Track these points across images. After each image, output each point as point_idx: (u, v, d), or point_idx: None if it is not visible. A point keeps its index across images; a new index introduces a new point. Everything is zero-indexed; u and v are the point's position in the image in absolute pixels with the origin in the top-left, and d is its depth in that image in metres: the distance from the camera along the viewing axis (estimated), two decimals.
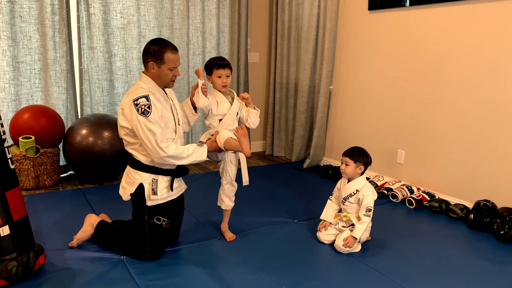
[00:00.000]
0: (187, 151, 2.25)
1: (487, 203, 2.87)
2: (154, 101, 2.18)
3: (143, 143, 2.18)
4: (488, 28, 2.91)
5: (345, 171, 2.52)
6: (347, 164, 2.51)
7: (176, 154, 2.21)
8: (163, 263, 2.29)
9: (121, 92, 3.96)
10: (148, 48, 2.24)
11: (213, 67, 2.44)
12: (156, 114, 2.17)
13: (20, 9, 3.45)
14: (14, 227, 2.01)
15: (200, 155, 2.30)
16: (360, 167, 2.51)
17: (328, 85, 4.11)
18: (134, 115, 2.15)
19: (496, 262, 2.41)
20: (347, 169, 2.51)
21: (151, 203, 2.29)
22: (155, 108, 2.17)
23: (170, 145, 2.21)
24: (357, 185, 2.52)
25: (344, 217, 2.57)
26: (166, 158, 2.20)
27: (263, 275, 2.20)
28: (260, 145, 5.07)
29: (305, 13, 4.16)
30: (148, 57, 2.23)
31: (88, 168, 3.47)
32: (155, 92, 2.26)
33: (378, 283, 2.16)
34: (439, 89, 3.26)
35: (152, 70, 2.25)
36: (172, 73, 2.27)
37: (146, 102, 2.15)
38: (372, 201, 2.48)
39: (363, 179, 2.55)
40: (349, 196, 2.53)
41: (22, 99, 3.59)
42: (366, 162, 2.52)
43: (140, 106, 2.14)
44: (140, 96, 2.16)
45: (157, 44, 2.22)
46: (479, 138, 3.04)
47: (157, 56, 2.21)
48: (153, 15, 3.98)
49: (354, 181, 2.53)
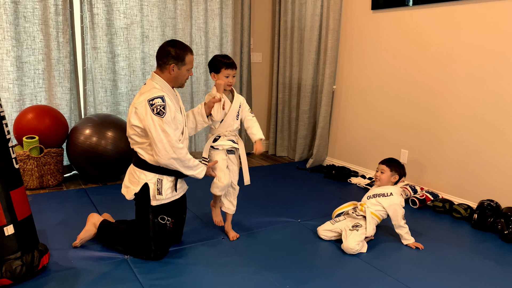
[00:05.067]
0: (193, 162, 2.31)
1: (491, 203, 2.86)
2: (169, 102, 2.21)
3: (154, 143, 2.19)
4: (492, 28, 2.90)
5: (380, 178, 2.62)
6: (383, 172, 2.61)
7: (185, 159, 2.26)
8: (167, 263, 2.30)
9: (124, 92, 3.97)
10: (168, 51, 2.25)
11: (222, 66, 2.44)
12: (170, 116, 2.20)
13: (24, 10, 3.46)
14: (18, 227, 2.02)
15: (199, 172, 2.36)
16: (394, 176, 2.61)
17: (331, 85, 4.11)
18: (149, 115, 2.16)
19: (500, 262, 2.40)
20: (382, 176, 2.61)
21: (156, 203, 2.30)
22: (169, 109, 2.20)
23: (183, 148, 2.25)
24: (392, 190, 2.59)
25: (360, 205, 2.60)
26: (173, 161, 2.22)
27: (267, 275, 2.20)
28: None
29: (308, 13, 4.16)
30: (169, 59, 2.25)
31: (92, 168, 3.48)
32: (168, 93, 2.29)
33: (382, 282, 2.16)
34: (443, 88, 3.25)
35: (172, 72, 2.27)
36: (189, 73, 2.34)
37: (161, 103, 2.17)
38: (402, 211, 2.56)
39: (398, 188, 2.62)
40: (381, 195, 2.58)
41: (26, 99, 3.60)
42: (401, 174, 2.62)
43: (155, 106, 2.16)
44: (156, 96, 2.18)
45: (178, 47, 2.26)
46: (483, 137, 3.03)
47: (180, 58, 2.26)
48: (156, 15, 3.98)
49: (390, 186, 2.61)
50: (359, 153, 4.05)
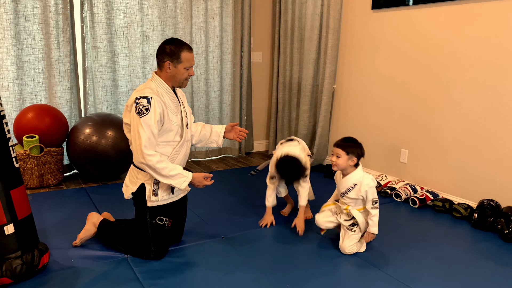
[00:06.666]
0: (169, 171, 2.18)
1: (491, 203, 2.86)
2: (155, 105, 2.16)
3: (132, 141, 2.18)
4: (493, 28, 2.90)
5: (337, 163, 2.37)
6: (339, 156, 2.36)
7: (155, 168, 2.15)
8: (167, 262, 2.30)
9: (124, 91, 3.97)
10: (163, 48, 2.23)
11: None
12: (152, 119, 2.14)
13: (24, 9, 3.46)
14: (18, 226, 2.02)
15: (180, 183, 2.21)
16: (352, 159, 2.36)
17: (331, 85, 4.11)
18: (132, 113, 2.16)
19: (500, 262, 2.40)
20: (338, 161, 2.36)
21: (151, 204, 2.29)
22: (153, 112, 2.14)
23: (154, 155, 2.15)
24: (354, 178, 2.39)
25: (345, 210, 2.47)
26: (144, 166, 2.17)
27: (267, 274, 2.20)
28: (263, 144, 5.07)
29: (308, 12, 4.16)
30: (164, 56, 2.22)
31: (92, 167, 3.48)
32: (163, 94, 2.25)
33: (382, 282, 2.16)
34: (443, 88, 3.25)
35: (168, 70, 2.24)
36: (188, 73, 2.26)
37: (145, 104, 2.14)
38: (376, 191, 2.38)
39: (360, 171, 2.41)
40: (347, 190, 2.42)
41: (26, 98, 3.60)
42: (359, 154, 2.38)
43: (139, 106, 2.14)
44: (143, 96, 2.16)
45: (173, 43, 2.22)
46: (483, 137, 3.03)
47: (174, 55, 2.21)
48: (156, 14, 3.98)
49: (350, 175, 2.40)
50: None
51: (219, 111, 4.56)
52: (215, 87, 4.47)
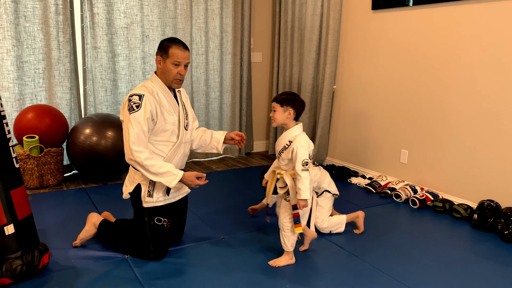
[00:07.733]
0: (158, 168, 2.14)
1: (491, 203, 2.86)
2: (147, 102, 2.16)
3: (123, 138, 2.19)
4: (493, 28, 2.90)
5: (274, 117, 2.24)
6: (275, 110, 2.24)
7: (144, 164, 2.13)
8: (167, 263, 2.30)
9: (124, 92, 3.97)
10: (160, 43, 2.26)
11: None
12: (141, 116, 2.14)
13: (24, 9, 3.46)
14: (18, 226, 2.02)
15: (169, 181, 2.16)
16: (289, 111, 2.21)
17: (331, 85, 4.11)
18: (125, 110, 2.17)
19: (500, 262, 2.40)
20: (275, 115, 2.23)
21: (146, 205, 2.28)
22: (143, 109, 2.14)
23: (143, 152, 2.14)
24: (290, 135, 2.22)
25: (278, 174, 2.27)
26: (133, 162, 2.16)
27: (267, 274, 2.20)
28: (263, 144, 5.07)
29: (308, 12, 4.16)
30: (157, 52, 2.26)
31: (92, 167, 3.48)
32: (159, 94, 2.25)
33: (382, 282, 2.16)
34: (443, 88, 3.25)
35: (159, 65, 2.26)
36: (177, 71, 2.21)
37: (137, 101, 2.15)
38: (307, 153, 2.15)
39: (298, 128, 2.24)
40: (282, 149, 2.23)
41: (26, 98, 3.60)
42: (297, 108, 2.22)
43: (130, 102, 2.15)
44: (136, 94, 2.17)
45: (168, 40, 2.24)
46: (483, 137, 3.03)
47: (163, 50, 2.22)
48: (156, 14, 3.98)
49: (287, 131, 2.23)
50: (359, 153, 4.05)
51: (219, 112, 4.56)
52: (215, 87, 4.47)
